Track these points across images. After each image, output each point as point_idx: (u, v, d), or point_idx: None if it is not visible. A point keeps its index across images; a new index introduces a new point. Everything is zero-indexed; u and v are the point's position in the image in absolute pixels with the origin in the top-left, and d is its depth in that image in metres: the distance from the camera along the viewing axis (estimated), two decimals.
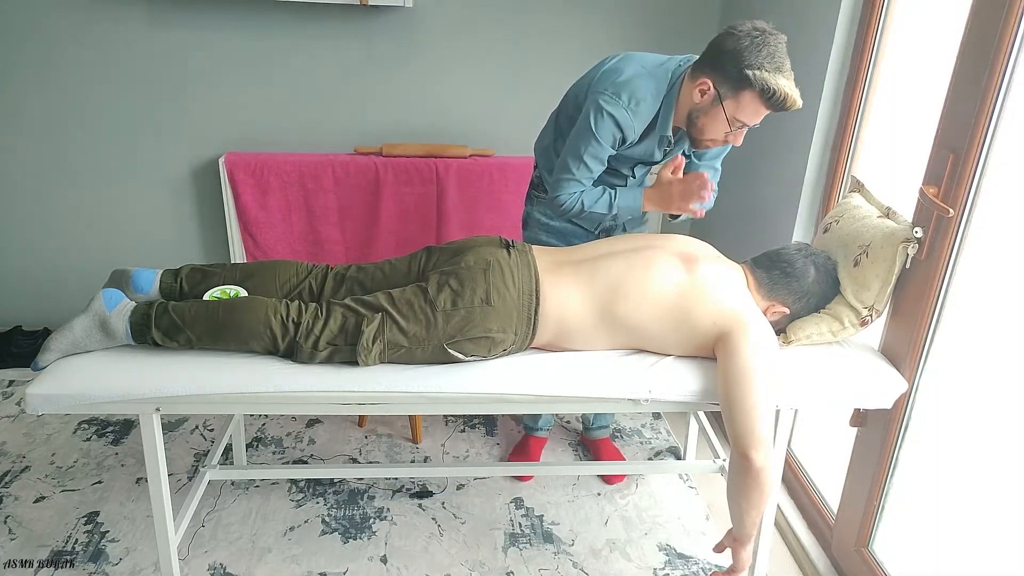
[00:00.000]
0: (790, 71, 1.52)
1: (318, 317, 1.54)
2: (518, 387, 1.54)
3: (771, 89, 1.49)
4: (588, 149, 1.70)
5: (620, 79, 1.67)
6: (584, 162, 1.71)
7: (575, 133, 1.72)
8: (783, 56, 1.51)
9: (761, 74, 1.48)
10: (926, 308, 1.54)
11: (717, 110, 1.58)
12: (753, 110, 1.55)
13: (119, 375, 1.49)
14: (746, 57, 1.49)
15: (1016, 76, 1.34)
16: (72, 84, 2.61)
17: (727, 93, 1.55)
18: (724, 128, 1.61)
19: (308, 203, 2.72)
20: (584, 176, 1.73)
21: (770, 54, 1.49)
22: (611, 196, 1.77)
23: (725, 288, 1.59)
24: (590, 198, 1.76)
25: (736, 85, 1.52)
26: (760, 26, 1.51)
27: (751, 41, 1.49)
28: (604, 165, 1.75)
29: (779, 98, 1.50)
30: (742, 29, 1.51)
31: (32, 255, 2.85)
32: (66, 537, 1.97)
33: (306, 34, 2.62)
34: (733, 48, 1.50)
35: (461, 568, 1.93)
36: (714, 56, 1.55)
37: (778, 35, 1.51)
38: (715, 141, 1.67)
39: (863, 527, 1.79)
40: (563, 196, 1.76)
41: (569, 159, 1.73)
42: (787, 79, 1.50)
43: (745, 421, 1.43)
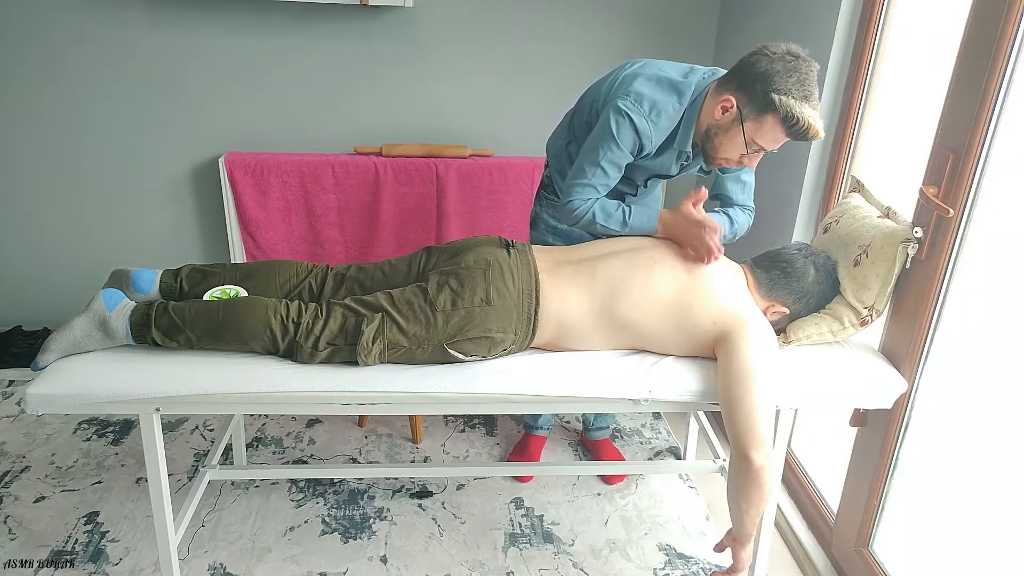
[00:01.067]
0: (818, 101, 1.47)
1: (318, 317, 1.54)
2: (518, 387, 1.54)
3: (795, 117, 1.44)
4: (607, 154, 1.62)
5: (642, 88, 1.61)
6: (601, 167, 1.64)
7: (594, 137, 1.65)
8: (813, 85, 1.46)
9: (788, 100, 1.44)
10: (926, 308, 1.54)
11: (736, 130, 1.53)
12: (773, 136, 1.50)
13: (119, 375, 1.49)
14: (775, 81, 1.44)
15: (1016, 76, 1.34)
16: (72, 84, 2.61)
17: (749, 114, 1.50)
18: (740, 149, 1.56)
19: (308, 203, 2.72)
20: (600, 182, 1.65)
21: (800, 81, 1.44)
22: (625, 213, 1.67)
23: (725, 288, 1.59)
24: (603, 211, 1.67)
25: (760, 108, 1.48)
26: (795, 51, 1.46)
27: (783, 65, 1.44)
28: (621, 172, 1.67)
29: (802, 127, 1.46)
30: (776, 52, 1.46)
31: (32, 255, 2.85)
32: (66, 537, 1.97)
33: (306, 34, 2.62)
34: (764, 70, 1.45)
35: (461, 568, 1.93)
36: (742, 74, 1.50)
37: (811, 63, 1.46)
38: (729, 161, 1.61)
39: (863, 527, 1.79)
40: (576, 201, 1.66)
41: (586, 164, 1.65)
42: (813, 109, 1.46)
43: (745, 421, 1.43)
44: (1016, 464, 1.45)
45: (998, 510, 1.50)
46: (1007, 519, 1.48)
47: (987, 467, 1.54)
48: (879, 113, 1.91)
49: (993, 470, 1.52)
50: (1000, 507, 1.50)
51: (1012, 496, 1.46)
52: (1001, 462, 1.50)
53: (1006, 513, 1.48)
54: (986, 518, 1.54)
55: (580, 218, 1.67)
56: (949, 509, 1.66)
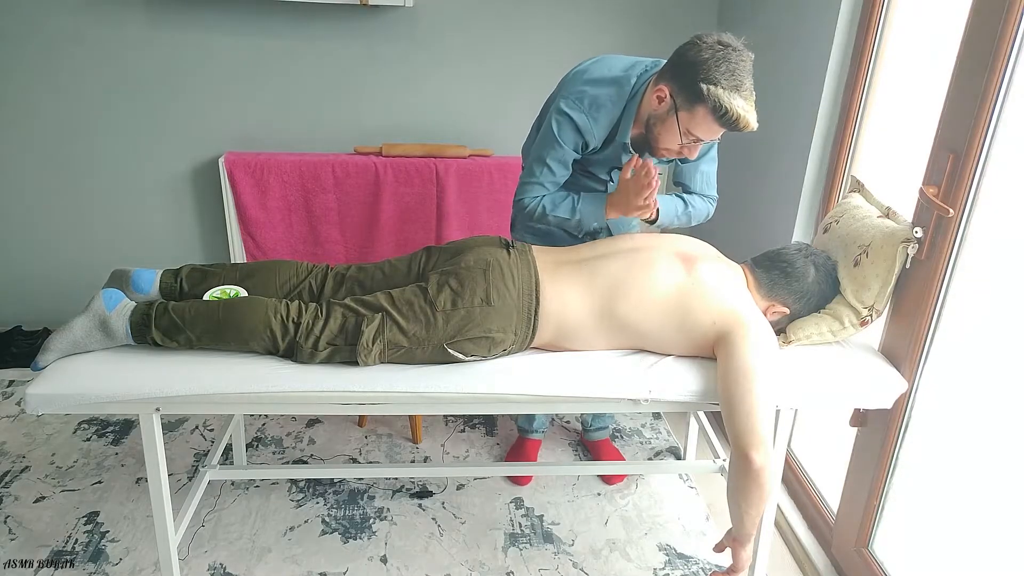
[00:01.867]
0: (750, 91, 1.46)
1: (318, 317, 1.54)
2: (518, 387, 1.54)
3: (723, 107, 1.43)
4: (551, 153, 1.68)
5: (583, 85, 1.65)
6: (547, 165, 1.70)
7: (539, 137, 1.72)
8: (744, 75, 1.44)
9: (716, 90, 1.43)
10: (926, 308, 1.54)
11: (672, 120, 1.53)
12: (707, 126, 1.50)
13: (119, 375, 1.49)
14: (704, 71, 1.43)
15: (1016, 76, 1.34)
16: (72, 84, 2.61)
17: (682, 104, 1.49)
18: (677, 140, 1.56)
19: (308, 203, 2.72)
20: (547, 179, 1.72)
21: (730, 71, 1.43)
22: (574, 200, 1.74)
23: (725, 288, 1.59)
24: (552, 202, 1.74)
25: (691, 98, 1.47)
26: (726, 40, 1.45)
27: (712, 54, 1.43)
28: (568, 169, 1.72)
29: (731, 118, 1.44)
30: (706, 41, 1.45)
31: (32, 255, 2.85)
32: (66, 537, 1.97)
33: (306, 34, 2.62)
34: (694, 59, 1.45)
35: (461, 568, 1.93)
36: (675, 64, 1.50)
37: (743, 52, 1.45)
38: (669, 151, 1.61)
39: (863, 527, 1.79)
40: (526, 199, 1.75)
41: (533, 163, 1.73)
42: (744, 99, 1.44)
43: (745, 421, 1.43)
44: (1016, 464, 1.45)
45: (998, 510, 1.50)
46: (1007, 519, 1.48)
47: (987, 467, 1.54)
48: (879, 113, 1.91)
49: (993, 470, 1.52)
50: (1000, 507, 1.50)
51: (1012, 496, 1.46)
52: (1001, 462, 1.50)
53: (1006, 513, 1.48)
54: (986, 518, 1.54)
55: (532, 213, 1.75)
56: (949, 509, 1.66)
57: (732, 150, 2.61)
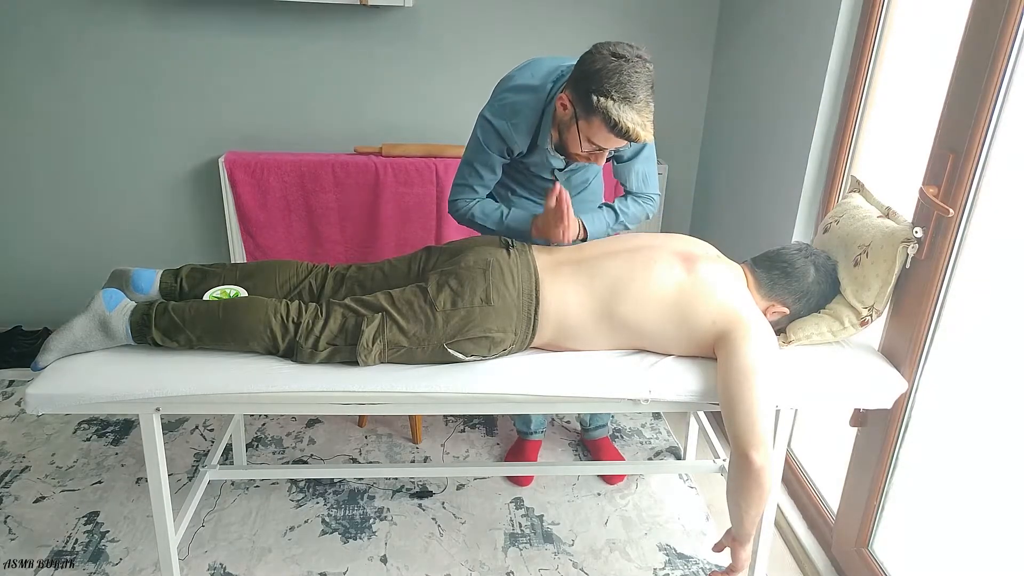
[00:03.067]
0: (645, 103, 1.44)
1: (318, 317, 1.54)
2: (518, 387, 1.54)
3: (614, 120, 1.43)
4: (477, 157, 1.73)
5: (505, 92, 1.68)
6: (475, 169, 1.74)
7: (469, 142, 1.76)
8: (636, 86, 1.42)
9: (606, 102, 1.42)
10: (926, 308, 1.54)
11: (574, 128, 1.54)
12: (603, 136, 1.49)
13: (119, 375, 1.49)
14: (595, 82, 1.43)
15: (1016, 76, 1.34)
16: (72, 84, 2.61)
17: (580, 114, 1.50)
18: (579, 147, 1.56)
19: (308, 203, 2.72)
20: (476, 183, 1.76)
21: (620, 83, 1.41)
22: (502, 213, 1.79)
23: (725, 288, 1.59)
24: (482, 211, 1.79)
25: (585, 108, 1.47)
26: (620, 51, 1.44)
27: (604, 65, 1.43)
28: (495, 173, 1.76)
29: (622, 130, 1.44)
30: (602, 51, 1.45)
31: (32, 255, 2.85)
32: (66, 537, 1.97)
33: (306, 34, 2.62)
34: (587, 70, 1.45)
35: (461, 568, 1.93)
36: (575, 73, 1.50)
37: (636, 63, 1.43)
38: (579, 156, 1.61)
39: (863, 527, 1.79)
40: (460, 201, 1.79)
41: (463, 167, 1.77)
42: (636, 112, 1.43)
43: (745, 421, 1.43)
44: (1016, 464, 1.45)
45: (998, 510, 1.50)
46: (1007, 519, 1.48)
47: (987, 467, 1.54)
48: (879, 113, 1.91)
49: (993, 470, 1.52)
50: (1000, 507, 1.50)
51: (1012, 496, 1.46)
52: (1001, 462, 1.50)
53: (1006, 513, 1.48)
54: (986, 518, 1.54)
55: (464, 215, 1.80)
56: (949, 509, 1.66)
57: (732, 150, 2.61)
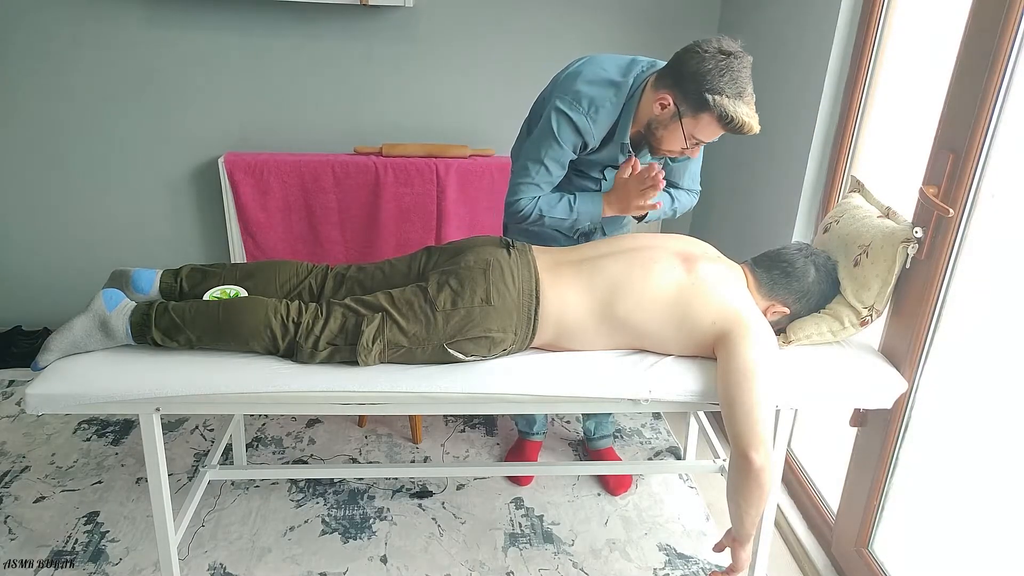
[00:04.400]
0: (752, 95, 1.50)
1: (318, 317, 1.54)
2: (518, 387, 1.54)
3: (729, 116, 1.48)
4: (549, 152, 1.67)
5: (581, 86, 1.65)
6: (544, 165, 1.69)
7: (536, 137, 1.71)
8: (746, 81, 1.49)
9: (721, 99, 1.47)
10: (926, 308, 1.54)
11: (676, 125, 1.56)
12: (711, 131, 1.54)
13: (119, 375, 1.49)
14: (708, 80, 1.47)
15: (1016, 76, 1.34)
16: (72, 84, 2.61)
17: (686, 112, 1.53)
18: (681, 143, 1.59)
19: (308, 203, 2.72)
20: (543, 180, 1.71)
21: (732, 79, 1.47)
22: (570, 200, 1.73)
23: (725, 288, 1.59)
24: (548, 203, 1.73)
25: (695, 106, 1.51)
26: (727, 48, 1.48)
27: (715, 64, 1.47)
28: (564, 169, 1.72)
29: (736, 125, 1.49)
30: (708, 50, 1.48)
31: (32, 255, 2.85)
32: (66, 537, 1.97)
33: (306, 34, 2.62)
34: (696, 69, 1.48)
35: (461, 568, 1.93)
36: (677, 73, 1.53)
37: (744, 58, 1.49)
38: (672, 152, 1.64)
39: (863, 527, 1.79)
40: (523, 200, 1.72)
41: (529, 163, 1.71)
42: (747, 105, 1.49)
43: (745, 421, 1.43)
44: (1016, 464, 1.45)
45: (998, 510, 1.51)
46: (1007, 519, 1.48)
47: (987, 467, 1.54)
48: (879, 113, 1.91)
49: (993, 470, 1.52)
50: (1000, 507, 1.50)
51: (1012, 496, 1.46)
52: (1001, 462, 1.50)
53: (1006, 513, 1.48)
54: (986, 518, 1.54)
55: (528, 215, 1.73)
56: (949, 509, 1.66)
57: (733, 150, 2.61)
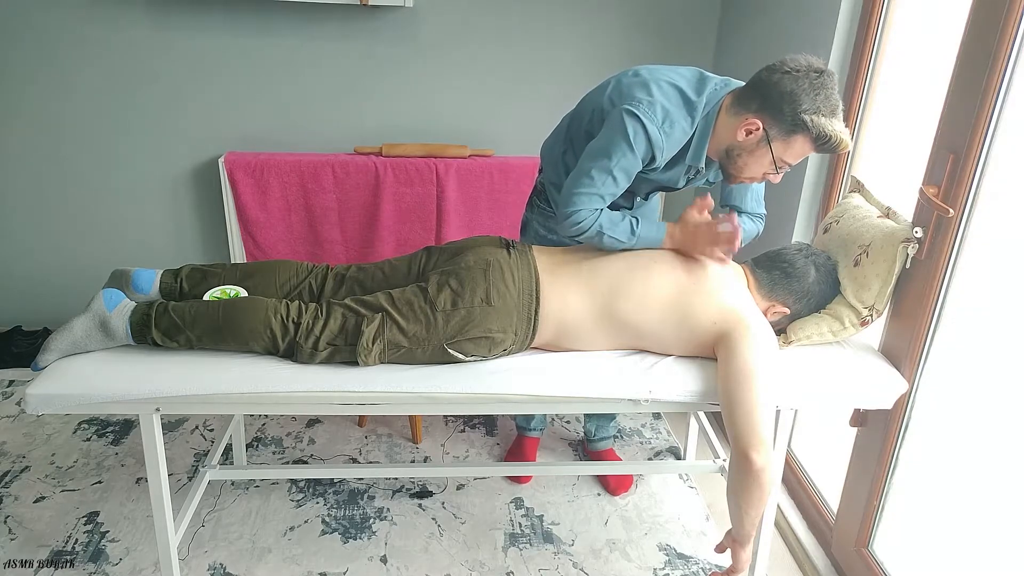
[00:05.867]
0: (842, 111, 1.45)
1: (318, 317, 1.54)
2: (518, 387, 1.54)
3: (827, 135, 1.42)
4: (620, 161, 1.52)
5: (653, 98, 1.53)
6: (612, 175, 1.53)
7: (603, 143, 1.55)
8: (838, 98, 1.43)
9: (818, 119, 1.40)
10: (926, 308, 1.54)
11: (764, 150, 1.48)
12: (801, 153, 1.48)
13: (119, 375, 1.49)
14: (803, 101, 1.40)
15: (1016, 76, 1.34)
16: (72, 84, 2.61)
17: (777, 135, 1.45)
18: (766, 169, 1.52)
19: (308, 203, 2.72)
20: (608, 191, 1.55)
21: (827, 97, 1.41)
22: (632, 224, 1.59)
23: (725, 288, 1.59)
24: (610, 220, 1.57)
25: (790, 129, 1.43)
26: (817, 66, 1.42)
27: (809, 83, 1.40)
28: (630, 182, 1.58)
29: (833, 143, 1.43)
30: (799, 69, 1.41)
31: (32, 255, 2.85)
32: (66, 537, 1.97)
33: (306, 34, 2.62)
34: (790, 90, 1.41)
35: (461, 568, 1.93)
36: (765, 95, 1.45)
37: (832, 75, 1.43)
38: (754, 178, 1.57)
39: (863, 527, 1.79)
40: (583, 212, 1.55)
41: (594, 171, 1.54)
42: (841, 122, 1.44)
43: (745, 421, 1.43)
44: (1016, 464, 1.45)
45: (998, 510, 1.50)
46: (1007, 519, 1.48)
47: (987, 467, 1.54)
48: (879, 113, 1.91)
49: (993, 470, 1.52)
50: (1000, 507, 1.50)
51: (1012, 496, 1.46)
52: (1001, 462, 1.50)
53: (1006, 513, 1.48)
54: (986, 518, 1.54)
55: (585, 229, 1.57)
56: (949, 509, 1.66)
57: None
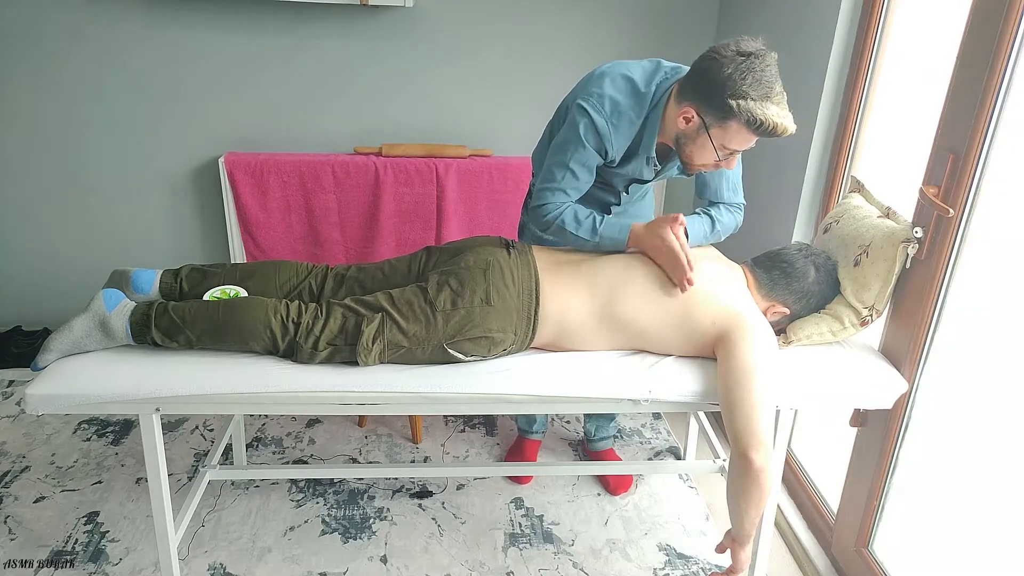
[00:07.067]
0: (781, 94, 1.39)
1: (318, 317, 1.54)
2: (518, 387, 1.54)
3: (758, 120, 1.37)
4: (575, 155, 1.58)
5: (603, 91, 1.56)
6: (570, 169, 1.59)
7: (561, 139, 1.62)
8: (772, 80, 1.37)
9: (747, 104, 1.36)
10: (926, 308, 1.54)
11: (704, 138, 1.47)
12: (742, 138, 1.44)
13: (119, 375, 1.49)
14: (730, 86, 1.36)
15: (1016, 76, 1.34)
16: (72, 84, 2.61)
17: (712, 122, 1.44)
18: (713, 156, 1.50)
19: (308, 203, 2.72)
20: (570, 185, 1.61)
21: (756, 80, 1.36)
22: (595, 222, 1.63)
23: (725, 288, 1.59)
24: (574, 218, 1.62)
25: (721, 115, 1.41)
26: (745, 48, 1.37)
27: (735, 67, 1.36)
28: (592, 175, 1.63)
29: (768, 128, 1.38)
30: (726, 54, 1.38)
31: (32, 255, 2.85)
32: (66, 537, 1.97)
33: (306, 34, 2.62)
34: (716, 76, 1.38)
35: (461, 568, 1.93)
36: (696, 83, 1.44)
37: (765, 56, 1.37)
38: (706, 166, 1.55)
39: (863, 527, 1.79)
40: (549, 206, 1.62)
41: (555, 167, 1.61)
42: (777, 106, 1.38)
43: (745, 421, 1.43)
44: (1016, 464, 1.45)
45: (998, 510, 1.50)
46: (1007, 519, 1.48)
47: (987, 467, 1.54)
48: (879, 113, 1.91)
49: (993, 470, 1.52)
50: (1000, 507, 1.50)
51: (1012, 496, 1.46)
52: (1001, 462, 1.50)
53: (1006, 513, 1.48)
54: (986, 518, 1.54)
55: (551, 224, 1.63)
56: (949, 509, 1.66)
57: None
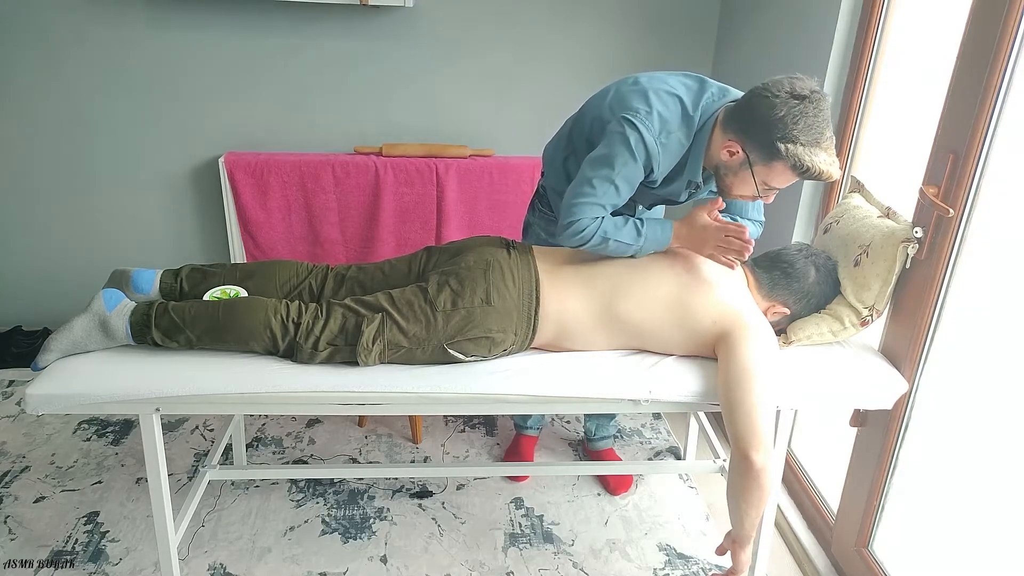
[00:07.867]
0: (830, 139, 1.37)
1: (318, 317, 1.54)
2: (518, 387, 1.54)
3: (805, 166, 1.36)
4: (623, 170, 1.49)
5: (651, 107, 1.50)
6: (615, 184, 1.50)
7: (605, 151, 1.51)
8: (823, 126, 1.35)
9: (795, 148, 1.34)
10: (926, 308, 1.54)
11: (746, 174, 1.45)
12: (785, 178, 1.43)
13: (119, 375, 1.49)
14: (780, 128, 1.34)
15: (1016, 76, 1.34)
16: (72, 84, 2.61)
17: (757, 160, 1.41)
18: (753, 191, 1.48)
19: (308, 203, 2.72)
20: (611, 200, 1.52)
21: (808, 126, 1.34)
22: (637, 225, 1.54)
23: (725, 288, 1.59)
24: (613, 225, 1.53)
25: (768, 155, 1.39)
26: (800, 91, 1.34)
27: (788, 110, 1.33)
28: (633, 192, 1.55)
29: (813, 173, 1.37)
30: (779, 94, 1.35)
31: (32, 255, 2.85)
32: (66, 537, 1.97)
33: (306, 34, 2.62)
34: (766, 115, 1.35)
35: (461, 568, 1.93)
36: (745, 119, 1.41)
37: (819, 101, 1.35)
38: (744, 197, 1.53)
39: (863, 527, 1.79)
40: (584, 221, 1.51)
41: (596, 180, 1.50)
42: (826, 152, 1.36)
43: (745, 421, 1.43)
44: (1016, 464, 1.45)
45: (998, 510, 1.51)
46: (1007, 519, 1.48)
47: (987, 467, 1.54)
48: (879, 113, 1.91)
49: (993, 470, 1.52)
50: (1000, 507, 1.50)
51: (1012, 496, 1.46)
52: (1001, 462, 1.50)
53: (1006, 513, 1.48)
54: (986, 518, 1.54)
55: (588, 238, 1.53)
56: (949, 509, 1.66)
57: None
